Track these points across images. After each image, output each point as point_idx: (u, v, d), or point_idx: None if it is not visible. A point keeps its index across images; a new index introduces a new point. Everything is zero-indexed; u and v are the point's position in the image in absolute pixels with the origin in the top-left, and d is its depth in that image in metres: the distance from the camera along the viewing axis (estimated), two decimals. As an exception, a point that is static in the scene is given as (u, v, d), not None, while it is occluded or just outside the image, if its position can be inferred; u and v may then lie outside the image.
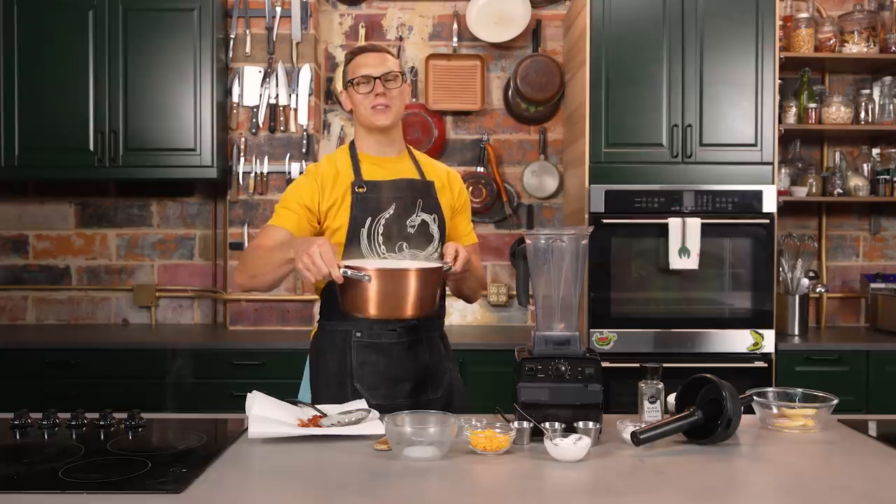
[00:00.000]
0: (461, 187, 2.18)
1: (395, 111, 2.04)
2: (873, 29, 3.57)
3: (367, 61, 2.02)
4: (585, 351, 1.72)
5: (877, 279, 3.79)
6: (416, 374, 2.02)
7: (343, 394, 1.98)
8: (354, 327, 2.00)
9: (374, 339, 2.00)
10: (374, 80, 2.00)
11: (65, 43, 3.46)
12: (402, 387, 2.00)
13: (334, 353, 2.03)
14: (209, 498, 1.35)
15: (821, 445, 1.70)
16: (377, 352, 2.00)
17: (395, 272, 1.75)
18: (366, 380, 1.99)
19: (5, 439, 1.70)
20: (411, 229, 2.02)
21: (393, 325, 1.99)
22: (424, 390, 2.03)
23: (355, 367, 2.00)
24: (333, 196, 2.01)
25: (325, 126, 3.89)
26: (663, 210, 3.26)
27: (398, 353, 2.01)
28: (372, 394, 1.98)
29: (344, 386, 1.99)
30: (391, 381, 2.00)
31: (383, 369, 2.00)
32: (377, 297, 1.72)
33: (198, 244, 3.90)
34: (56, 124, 3.46)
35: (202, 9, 3.46)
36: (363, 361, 2.00)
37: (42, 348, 3.31)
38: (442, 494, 1.40)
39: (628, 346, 3.26)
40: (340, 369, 2.01)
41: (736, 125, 3.28)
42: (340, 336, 2.02)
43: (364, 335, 2.00)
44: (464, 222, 2.18)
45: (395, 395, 1.98)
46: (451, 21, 3.86)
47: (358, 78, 2.01)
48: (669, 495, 1.37)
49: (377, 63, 2.02)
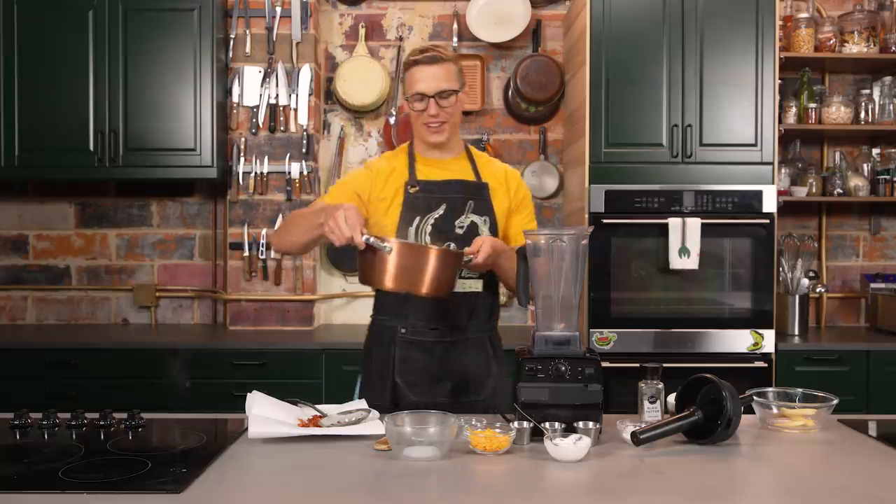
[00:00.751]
0: (519, 184, 2.17)
1: (450, 126, 2.06)
2: (873, 29, 3.57)
3: (423, 75, 2.00)
4: (585, 351, 1.72)
5: (877, 279, 3.79)
6: (457, 374, 2.03)
7: (385, 387, 2.02)
8: (400, 323, 2.04)
9: (416, 336, 2.03)
10: (429, 98, 2.00)
11: (65, 43, 3.46)
12: (442, 386, 2.02)
13: (381, 347, 2.07)
14: (209, 498, 1.35)
15: (821, 445, 1.70)
16: (419, 349, 2.03)
17: (415, 247, 1.80)
18: (407, 376, 2.02)
19: (5, 439, 1.70)
20: (460, 230, 2.04)
21: (436, 325, 2.02)
22: (465, 392, 2.03)
23: (398, 363, 2.03)
24: (385, 192, 2.04)
25: (325, 126, 3.89)
26: (663, 210, 3.26)
27: (440, 352, 2.03)
28: (412, 390, 2.01)
29: (386, 380, 2.03)
30: (431, 380, 2.02)
31: (424, 367, 2.03)
32: (394, 269, 1.75)
33: (198, 244, 3.90)
34: (56, 124, 3.46)
35: (202, 9, 3.46)
36: (405, 357, 2.03)
37: (42, 348, 3.30)
38: (442, 494, 1.40)
39: (628, 346, 3.26)
40: (384, 363, 2.05)
41: (736, 125, 3.28)
42: (388, 331, 2.06)
43: (408, 331, 2.04)
44: (522, 220, 2.15)
45: (434, 393, 2.01)
46: (451, 21, 3.86)
47: (412, 95, 2.01)
48: (669, 495, 1.37)
49: (432, 77, 1.99)
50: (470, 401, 2.02)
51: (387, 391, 2.01)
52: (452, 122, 2.05)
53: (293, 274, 3.67)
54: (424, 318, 2.03)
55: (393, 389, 2.02)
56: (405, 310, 2.03)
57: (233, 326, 3.65)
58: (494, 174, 2.13)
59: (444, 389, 2.02)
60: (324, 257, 3.85)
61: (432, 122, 2.02)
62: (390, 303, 2.06)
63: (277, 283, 3.65)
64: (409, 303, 2.02)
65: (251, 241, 3.64)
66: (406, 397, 2.00)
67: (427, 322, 2.02)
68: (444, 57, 2.01)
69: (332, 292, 3.88)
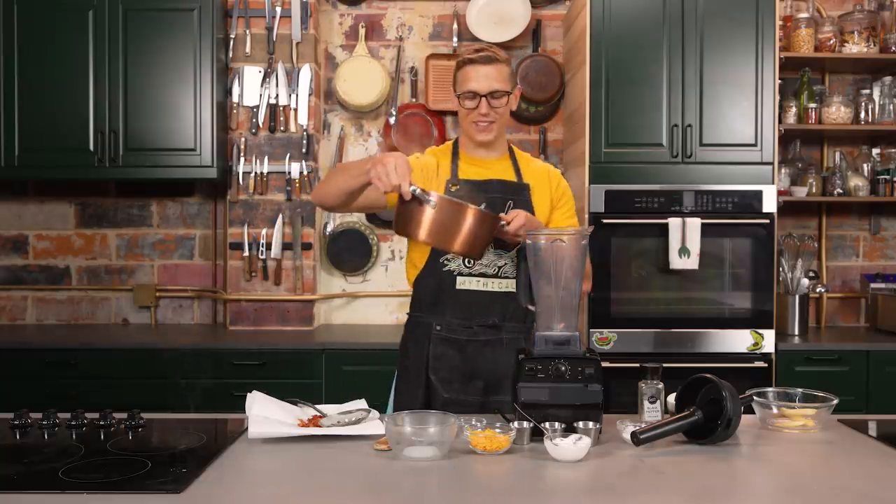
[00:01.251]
0: (559, 180, 2.19)
1: (499, 126, 2.07)
2: (873, 29, 3.57)
3: (476, 74, 2.01)
4: (585, 351, 1.72)
5: (877, 279, 3.79)
6: (490, 373, 2.04)
7: (419, 384, 2.04)
8: (436, 320, 2.05)
9: (451, 334, 2.05)
10: (480, 97, 2.01)
11: (65, 43, 3.46)
12: (474, 384, 2.04)
13: (416, 343, 2.08)
14: (209, 498, 1.35)
15: (821, 445, 1.70)
16: (453, 346, 2.04)
17: (456, 204, 1.78)
18: (440, 373, 2.04)
19: (5, 439, 1.70)
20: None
21: (470, 323, 2.04)
22: (497, 391, 2.03)
23: (432, 360, 2.04)
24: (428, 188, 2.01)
25: (325, 126, 3.89)
26: (663, 210, 3.26)
27: (474, 349, 2.05)
28: (445, 387, 2.02)
29: (420, 376, 2.05)
30: (464, 378, 2.04)
31: (458, 364, 2.04)
32: (431, 223, 1.75)
33: (198, 244, 3.90)
34: (56, 124, 3.46)
35: (202, 9, 3.46)
36: (440, 354, 2.04)
37: (42, 348, 3.31)
38: (442, 494, 1.40)
39: (628, 346, 3.26)
40: (419, 360, 2.06)
41: (736, 125, 3.28)
42: (423, 328, 2.08)
43: (443, 329, 2.05)
44: (562, 217, 2.16)
45: (467, 391, 2.02)
46: (451, 21, 3.86)
47: (464, 93, 2.02)
48: (669, 495, 1.37)
49: (485, 77, 2.01)
50: (500, 400, 2.01)
51: (420, 388, 2.03)
52: (501, 122, 2.07)
53: (293, 274, 3.67)
54: (460, 316, 2.04)
55: (426, 386, 2.04)
56: (441, 307, 2.05)
57: (233, 326, 3.65)
58: (536, 174, 2.15)
59: (477, 388, 2.03)
60: (324, 257, 3.85)
61: (482, 122, 2.03)
62: (427, 300, 2.08)
63: (277, 283, 3.65)
64: (444, 300, 2.04)
65: (251, 241, 3.64)
66: (439, 394, 2.01)
67: (462, 320, 2.04)
68: (498, 58, 2.04)
69: (332, 292, 3.88)
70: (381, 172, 1.73)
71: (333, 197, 1.97)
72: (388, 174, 1.72)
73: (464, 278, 2.05)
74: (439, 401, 2.00)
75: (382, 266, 3.90)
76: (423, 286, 2.09)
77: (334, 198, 1.97)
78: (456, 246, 1.78)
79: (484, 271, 2.05)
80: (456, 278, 2.05)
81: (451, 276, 2.05)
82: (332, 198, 1.97)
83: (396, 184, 1.72)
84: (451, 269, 2.05)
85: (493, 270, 2.06)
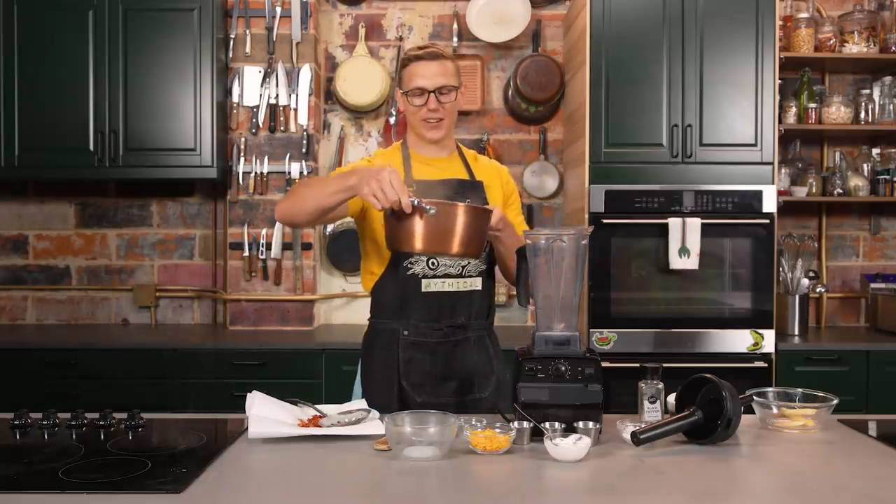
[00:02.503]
0: (508, 179, 2.20)
1: (448, 123, 2.06)
2: (873, 29, 3.57)
3: (423, 71, 2.00)
4: (585, 351, 1.72)
5: (877, 279, 3.79)
6: (462, 373, 2.03)
7: (390, 391, 2.01)
8: (402, 325, 2.03)
9: (420, 338, 2.02)
10: (429, 93, 2.00)
11: (65, 43, 3.46)
12: (448, 386, 2.02)
13: (383, 350, 2.05)
14: (209, 498, 1.34)
15: (821, 445, 1.70)
16: (423, 350, 2.02)
17: (454, 206, 1.74)
18: (412, 377, 2.01)
19: (5, 439, 1.70)
20: None
21: (439, 325, 2.02)
22: (471, 390, 2.04)
23: (402, 365, 2.02)
24: None
25: (325, 126, 3.89)
26: (663, 210, 3.26)
27: (444, 351, 2.03)
28: (418, 392, 2.00)
29: (391, 383, 2.02)
30: (437, 380, 2.02)
31: (429, 368, 2.02)
32: (430, 231, 1.71)
33: (198, 244, 3.90)
34: (56, 124, 3.46)
35: (202, 9, 3.46)
36: (410, 359, 2.02)
37: (42, 348, 3.30)
38: (442, 494, 1.40)
39: (628, 346, 3.26)
40: (388, 367, 2.03)
41: (736, 125, 3.28)
42: (389, 334, 2.05)
43: (411, 333, 2.02)
44: (512, 213, 2.16)
45: (440, 393, 2.01)
46: (451, 21, 3.86)
47: (412, 90, 2.01)
48: (669, 495, 1.37)
49: (433, 74, 2.00)
50: (475, 398, 2.03)
51: (393, 395, 2.00)
52: (449, 122, 2.06)
53: (293, 274, 3.67)
54: (427, 318, 2.02)
55: (399, 391, 2.01)
56: (406, 311, 2.03)
57: (233, 326, 3.65)
58: (486, 171, 2.15)
59: (450, 389, 2.02)
60: (324, 257, 3.85)
61: (431, 118, 2.02)
62: (390, 306, 2.05)
63: (277, 283, 3.65)
64: (410, 304, 2.02)
65: (251, 241, 3.64)
66: (412, 399, 1.99)
67: (429, 322, 2.02)
68: (444, 54, 2.04)
69: (332, 292, 3.88)
70: (375, 189, 1.67)
71: (306, 214, 1.86)
72: (385, 190, 1.67)
73: (429, 280, 2.02)
74: (413, 406, 1.96)
75: (382, 266, 3.89)
76: (385, 292, 2.06)
77: (307, 215, 1.87)
78: (455, 248, 1.75)
79: (448, 272, 2.03)
80: (421, 281, 2.02)
81: (416, 279, 2.02)
82: (305, 215, 1.87)
83: (395, 199, 1.67)
84: (415, 272, 2.02)
85: (456, 270, 2.04)
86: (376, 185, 1.68)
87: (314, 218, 1.89)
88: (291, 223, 1.96)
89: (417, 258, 2.01)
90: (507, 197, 2.17)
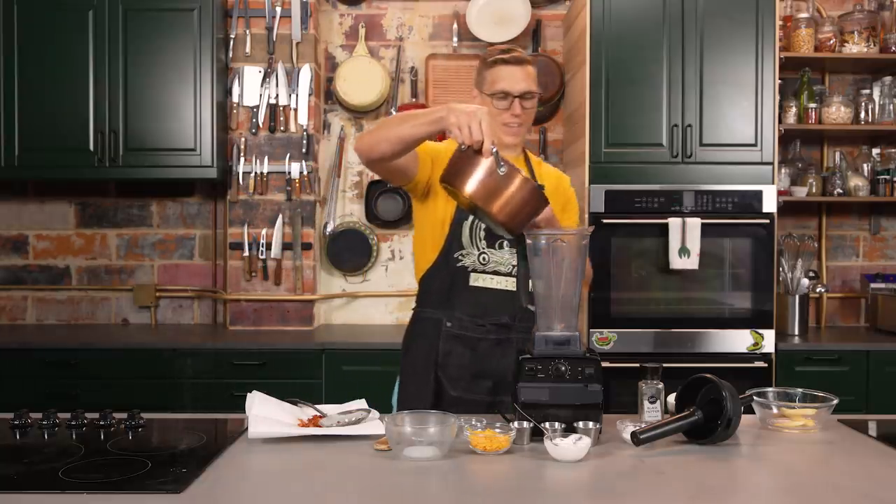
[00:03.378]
0: (568, 187, 2.23)
1: (525, 128, 2.08)
2: (873, 29, 3.57)
3: (508, 74, 2.01)
4: (585, 351, 1.72)
5: (877, 279, 3.79)
6: (499, 373, 2.02)
7: (427, 380, 2.02)
8: (446, 316, 2.03)
9: (462, 332, 2.03)
10: (513, 98, 2.01)
11: (65, 43, 3.46)
12: (483, 384, 2.02)
13: (424, 340, 2.06)
14: (209, 498, 1.35)
15: (821, 445, 1.70)
16: (464, 345, 2.03)
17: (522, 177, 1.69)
18: (449, 370, 2.02)
19: (5, 439, 1.70)
20: None
21: (482, 321, 2.02)
22: (505, 390, 2.02)
23: (441, 357, 2.02)
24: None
25: (325, 126, 3.89)
26: (663, 210, 3.26)
27: (484, 348, 2.03)
28: (453, 385, 2.01)
29: (429, 373, 2.02)
30: (473, 377, 2.02)
31: (468, 363, 2.02)
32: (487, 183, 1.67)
33: (198, 244, 3.90)
34: (56, 124, 3.46)
35: (202, 9, 3.46)
36: (449, 351, 2.03)
37: (42, 348, 3.30)
38: (442, 494, 1.40)
39: (628, 346, 3.26)
40: (427, 357, 2.03)
41: (736, 125, 3.28)
42: (432, 324, 2.05)
43: (454, 326, 2.03)
44: (569, 221, 2.18)
45: (475, 390, 2.01)
46: (451, 21, 3.86)
47: (496, 93, 2.01)
48: (669, 495, 1.37)
49: (518, 79, 2.01)
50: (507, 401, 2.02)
51: (429, 384, 2.01)
52: (527, 125, 2.08)
53: (293, 274, 3.67)
54: (471, 313, 2.02)
55: (436, 382, 2.02)
56: (452, 303, 2.03)
57: (233, 326, 3.65)
58: (549, 177, 2.18)
59: (485, 387, 2.02)
60: (324, 257, 3.85)
61: (512, 122, 2.03)
62: (436, 295, 2.06)
63: (277, 283, 3.65)
64: (456, 297, 2.03)
65: (251, 241, 3.64)
66: (447, 392, 2.00)
67: (472, 318, 2.02)
68: (528, 60, 2.06)
69: (332, 292, 3.88)
70: (464, 123, 1.64)
71: (390, 144, 1.81)
72: (473, 127, 1.64)
73: (477, 275, 2.03)
74: (447, 399, 1.99)
75: (382, 266, 3.90)
76: (434, 281, 2.07)
77: (390, 145, 1.81)
78: (499, 213, 1.68)
79: (497, 269, 2.04)
80: (469, 274, 2.03)
81: (465, 272, 2.03)
82: (388, 145, 1.81)
83: (479, 139, 1.64)
84: (465, 264, 2.03)
85: (506, 269, 2.05)
86: (465, 120, 1.65)
87: (394, 149, 1.82)
88: (369, 155, 1.87)
89: (468, 251, 2.02)
90: (564, 205, 2.18)
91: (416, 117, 1.78)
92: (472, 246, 2.03)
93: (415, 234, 2.15)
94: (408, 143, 1.81)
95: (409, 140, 1.80)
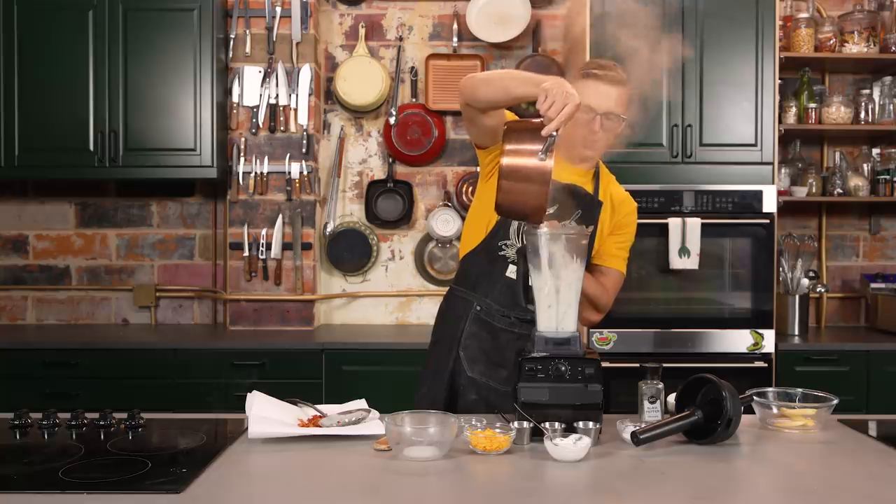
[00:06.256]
0: (629, 212, 2.16)
1: (602, 150, 2.05)
2: (873, 29, 3.57)
3: (598, 91, 1.99)
4: (585, 351, 1.72)
5: (877, 279, 3.79)
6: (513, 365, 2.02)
7: (448, 357, 2.05)
8: (477, 301, 2.06)
9: (488, 318, 2.05)
10: (596, 115, 1.98)
11: (65, 43, 3.46)
12: (498, 372, 2.04)
13: (453, 317, 2.09)
14: (209, 498, 1.34)
15: (821, 445, 1.70)
16: (488, 330, 2.05)
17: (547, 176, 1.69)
18: (470, 351, 2.05)
19: (5, 439, 1.70)
20: None
21: (508, 313, 2.04)
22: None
23: (465, 337, 2.05)
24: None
25: (325, 126, 3.89)
26: (663, 210, 3.26)
27: (506, 340, 2.05)
28: (471, 366, 2.04)
29: (451, 350, 2.06)
30: (491, 363, 2.04)
31: (489, 348, 2.05)
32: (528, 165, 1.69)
33: (198, 244, 3.90)
34: (56, 124, 3.46)
35: (202, 9, 3.46)
36: (474, 333, 2.05)
37: (42, 348, 3.31)
38: (442, 494, 1.40)
39: (628, 346, 3.26)
40: (453, 334, 2.07)
41: (736, 125, 3.28)
42: (463, 304, 2.08)
43: (482, 311, 2.05)
44: (615, 245, 2.14)
45: (491, 375, 2.03)
46: (451, 21, 3.86)
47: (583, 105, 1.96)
48: (669, 495, 1.37)
49: (607, 97, 1.98)
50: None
51: (450, 361, 2.04)
52: (605, 147, 2.05)
53: (293, 274, 3.67)
54: (500, 302, 2.04)
55: (456, 359, 2.05)
56: (485, 289, 2.05)
57: (233, 326, 3.65)
58: (612, 196, 2.14)
59: (500, 376, 2.04)
60: (324, 257, 3.85)
61: (589, 138, 2.01)
62: (473, 278, 2.07)
63: (277, 283, 3.65)
64: (490, 284, 2.04)
65: (251, 241, 3.64)
66: (464, 372, 2.03)
67: (501, 307, 2.04)
68: (623, 81, 2.03)
69: (332, 292, 3.88)
70: (555, 94, 1.66)
71: (493, 91, 1.86)
72: (556, 104, 1.65)
73: (514, 267, 2.03)
74: (464, 378, 2.02)
75: (382, 266, 3.89)
76: (474, 263, 2.09)
77: (493, 92, 1.86)
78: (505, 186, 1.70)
79: None
80: (508, 266, 2.04)
81: (505, 261, 2.04)
82: (492, 92, 1.86)
83: (552, 117, 1.66)
84: (506, 255, 2.05)
85: None
86: (559, 95, 1.67)
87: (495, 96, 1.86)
88: (472, 94, 1.90)
89: (512, 243, 2.03)
90: (619, 227, 2.14)
91: (524, 75, 1.84)
92: (516, 238, 2.04)
93: (469, 212, 2.16)
94: (508, 96, 1.84)
95: (511, 93, 1.83)
